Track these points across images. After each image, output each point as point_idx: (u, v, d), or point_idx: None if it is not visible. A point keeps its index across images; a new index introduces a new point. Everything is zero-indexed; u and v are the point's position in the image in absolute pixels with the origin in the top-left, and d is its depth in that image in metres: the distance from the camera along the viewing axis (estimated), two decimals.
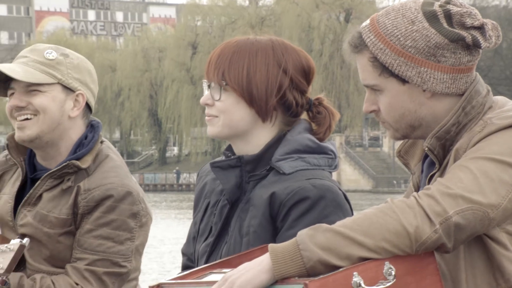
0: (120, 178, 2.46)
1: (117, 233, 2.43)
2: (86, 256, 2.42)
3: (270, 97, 2.08)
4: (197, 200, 2.22)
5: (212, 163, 2.15)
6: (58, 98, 2.46)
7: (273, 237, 2.05)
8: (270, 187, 2.07)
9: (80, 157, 2.47)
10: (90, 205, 2.43)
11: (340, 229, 1.75)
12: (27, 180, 2.52)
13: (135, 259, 2.48)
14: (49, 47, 2.48)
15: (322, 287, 1.69)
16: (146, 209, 2.50)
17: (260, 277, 1.72)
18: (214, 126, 2.10)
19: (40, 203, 2.45)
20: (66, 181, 2.45)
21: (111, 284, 2.44)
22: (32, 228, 2.44)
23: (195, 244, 2.18)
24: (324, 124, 2.15)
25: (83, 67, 2.49)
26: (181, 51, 66.50)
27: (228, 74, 2.07)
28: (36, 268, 2.45)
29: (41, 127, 2.44)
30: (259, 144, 2.12)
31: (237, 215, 2.10)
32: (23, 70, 2.42)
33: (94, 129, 2.52)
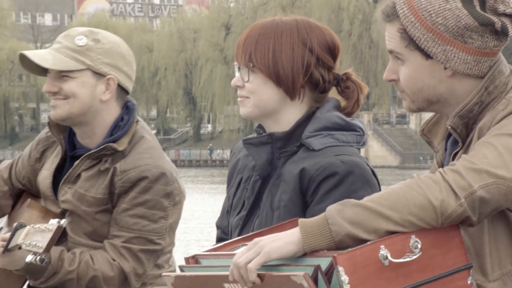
0: (154, 160, 2.47)
1: (152, 212, 2.45)
2: (122, 233, 2.44)
3: (296, 75, 2.08)
4: (230, 175, 2.22)
5: (245, 140, 2.16)
6: (88, 83, 2.46)
7: (303, 211, 2.05)
8: (300, 163, 2.07)
9: (117, 139, 2.48)
10: (126, 186, 2.44)
11: (368, 204, 1.74)
12: (66, 157, 2.54)
13: (168, 236, 2.50)
14: (82, 32, 2.47)
15: (350, 260, 1.68)
16: (179, 188, 2.51)
17: (289, 247, 1.72)
18: (246, 106, 2.11)
19: (79, 182, 2.47)
20: (104, 162, 2.47)
21: (146, 261, 2.46)
22: (72, 205, 2.46)
23: (228, 218, 2.19)
24: (352, 98, 2.14)
25: (114, 52, 2.48)
26: (215, 32, 66.42)
27: (254, 56, 2.07)
28: (76, 241, 2.47)
29: (71, 110, 2.46)
30: (289, 122, 2.12)
31: (269, 190, 2.11)
32: (54, 57, 2.43)
33: (129, 111, 2.53)
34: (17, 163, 2.64)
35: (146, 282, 2.52)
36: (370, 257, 1.70)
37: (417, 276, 1.73)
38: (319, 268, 1.68)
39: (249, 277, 1.70)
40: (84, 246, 2.47)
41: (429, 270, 1.74)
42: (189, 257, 1.85)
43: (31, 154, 2.62)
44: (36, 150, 2.61)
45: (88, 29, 2.50)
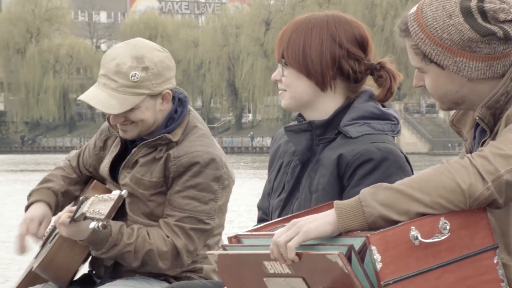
0: (205, 147, 2.50)
1: (202, 194, 2.47)
2: (175, 213, 2.47)
3: (325, 68, 2.07)
4: (271, 160, 2.23)
5: (286, 127, 2.16)
6: (150, 106, 2.50)
7: (340, 194, 2.05)
8: (338, 149, 2.07)
9: (171, 130, 2.51)
10: (179, 170, 2.47)
11: (399, 187, 1.73)
12: (127, 145, 2.58)
13: (218, 217, 2.51)
14: (130, 66, 2.46)
15: (382, 239, 1.68)
16: (229, 172, 2.53)
17: (325, 227, 1.72)
18: (284, 99, 2.12)
19: (136, 167, 2.51)
20: (159, 151, 2.51)
21: (196, 239, 2.48)
22: (130, 188, 2.50)
23: (269, 200, 2.19)
24: (385, 86, 2.13)
25: (161, 69, 2.50)
26: (256, 28, 66.40)
27: (287, 52, 2.08)
28: (134, 220, 2.51)
29: (140, 130, 2.52)
30: (326, 111, 2.12)
31: (308, 174, 2.10)
32: (117, 101, 2.46)
33: (182, 103, 2.55)
34: (84, 152, 2.69)
35: (196, 261, 2.54)
36: (401, 237, 1.69)
37: (446, 256, 1.72)
38: (353, 247, 1.68)
39: (288, 255, 1.70)
40: (142, 225, 2.50)
41: (457, 250, 1.73)
42: (232, 236, 1.85)
43: (95, 144, 2.66)
44: (99, 140, 2.66)
45: (133, 55, 2.47)
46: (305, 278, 1.70)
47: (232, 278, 1.82)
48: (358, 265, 1.68)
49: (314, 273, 1.70)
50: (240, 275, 1.80)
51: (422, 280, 1.70)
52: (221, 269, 1.82)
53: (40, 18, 76.21)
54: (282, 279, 1.73)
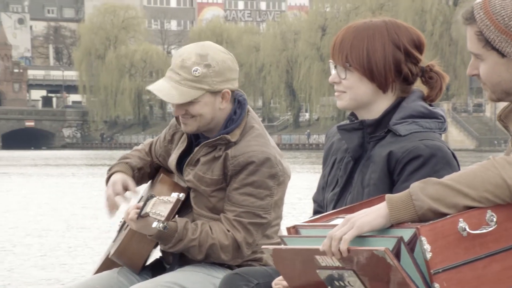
0: (260, 146, 2.49)
1: (258, 191, 2.46)
2: (234, 208, 2.47)
3: (388, 72, 2.04)
4: (325, 156, 2.20)
5: (339, 126, 2.14)
6: (209, 102, 2.49)
7: (390, 189, 2.01)
8: (388, 146, 2.04)
9: (230, 131, 2.50)
10: (236, 169, 2.47)
11: (448, 182, 1.70)
12: (192, 142, 2.59)
13: (274, 211, 2.50)
14: (194, 62, 2.47)
15: (432, 231, 1.65)
16: (283, 169, 2.51)
17: (378, 220, 1.70)
18: (343, 100, 2.08)
19: (198, 165, 2.51)
20: (218, 150, 2.50)
21: (255, 232, 2.48)
22: (193, 184, 2.51)
23: (323, 193, 2.17)
24: (435, 87, 2.09)
25: (224, 69, 2.50)
26: (312, 33, 66.30)
27: (350, 57, 2.04)
28: (199, 213, 2.51)
29: (199, 124, 2.51)
30: (379, 111, 2.09)
31: (359, 170, 2.08)
32: (178, 92, 2.46)
33: (241, 105, 2.54)
34: (156, 143, 2.72)
35: (256, 251, 2.54)
36: (450, 228, 1.66)
37: (493, 246, 1.68)
38: (402, 239, 1.65)
39: (341, 247, 1.69)
40: (205, 218, 2.51)
41: (504, 241, 1.68)
42: (290, 227, 1.84)
43: (165, 136, 2.68)
44: (168, 133, 2.67)
45: (198, 53, 2.49)
46: (355, 271, 1.69)
47: (286, 269, 1.82)
48: (408, 255, 1.65)
49: (363, 266, 1.68)
50: (293, 267, 1.79)
51: (470, 269, 1.66)
52: (276, 261, 1.82)
53: (118, 27, 77.46)
54: (334, 271, 1.72)
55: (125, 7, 79.84)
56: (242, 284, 2.22)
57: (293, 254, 1.78)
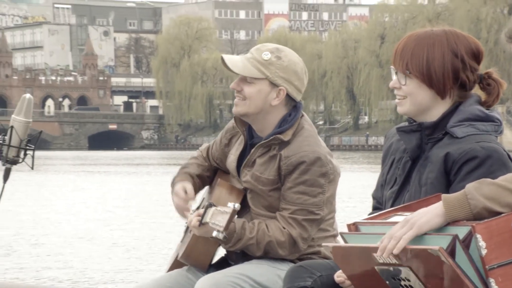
0: (311, 146, 2.46)
1: (311, 189, 2.44)
2: (289, 206, 2.45)
3: (447, 80, 1.99)
4: (384, 156, 2.18)
5: (398, 128, 2.10)
6: (264, 91, 2.47)
7: (446, 188, 1.97)
8: (445, 148, 1.99)
9: (283, 131, 2.48)
10: (289, 169, 2.45)
11: (502, 183, 1.66)
12: (247, 144, 2.58)
13: (326, 207, 2.48)
14: (269, 49, 2.48)
15: (486, 228, 1.61)
16: (334, 168, 2.48)
17: (435, 220, 1.67)
18: (403, 106, 2.04)
19: (255, 166, 2.50)
20: (272, 149, 2.49)
21: (309, 227, 2.46)
22: (251, 184, 2.50)
23: (382, 190, 2.15)
24: (493, 93, 2.04)
25: (290, 69, 2.49)
26: (372, 41, 65.78)
27: (410, 64, 2.00)
28: (256, 212, 2.51)
29: (247, 109, 2.49)
30: (437, 114, 2.05)
31: (417, 170, 2.04)
32: (243, 65, 2.47)
33: (296, 109, 2.53)
34: (212, 147, 2.71)
35: (313, 245, 2.52)
36: (504, 226, 1.62)
37: None
38: (457, 237, 1.62)
39: (399, 247, 1.66)
40: (262, 217, 2.50)
41: None
42: (350, 224, 1.82)
43: (221, 140, 2.67)
44: (225, 137, 2.66)
45: (276, 47, 2.50)
46: (412, 268, 1.67)
47: (346, 266, 1.80)
48: (463, 252, 1.62)
49: (419, 264, 1.66)
50: (352, 264, 1.77)
51: None
52: (336, 258, 1.80)
53: (191, 37, 78.43)
54: (391, 268, 1.70)
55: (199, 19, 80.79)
56: (306, 276, 2.20)
57: (352, 251, 1.76)
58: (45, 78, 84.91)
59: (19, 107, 2.54)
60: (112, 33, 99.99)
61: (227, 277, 2.43)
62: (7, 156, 2.50)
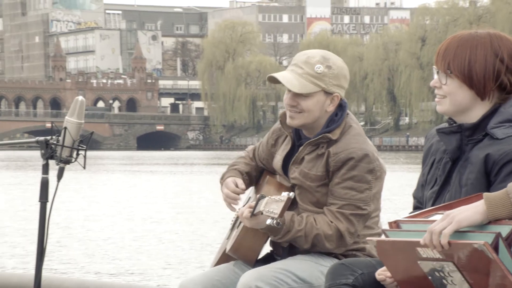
0: (359, 144, 2.47)
1: (358, 184, 2.44)
2: (336, 201, 2.45)
3: (488, 81, 1.96)
4: (425, 156, 2.15)
5: (438, 129, 2.07)
6: (320, 101, 2.49)
7: (487, 189, 1.93)
8: (485, 149, 1.96)
9: (331, 130, 2.49)
10: (337, 165, 2.45)
11: None
12: (294, 144, 2.59)
13: (373, 203, 2.47)
14: (318, 60, 2.48)
15: None
16: (380, 165, 2.47)
17: (476, 216, 1.65)
18: (443, 105, 2.02)
19: (303, 163, 2.51)
20: (321, 148, 2.49)
21: (356, 222, 2.46)
22: (299, 181, 2.51)
23: (423, 190, 2.12)
24: None
25: (340, 75, 2.50)
26: (412, 44, 65.08)
27: (452, 64, 1.97)
28: (304, 208, 2.51)
29: (305, 121, 2.50)
30: (476, 115, 2.01)
31: (457, 170, 2.01)
32: (299, 83, 2.47)
33: (342, 108, 2.53)
34: (259, 148, 2.73)
35: (359, 241, 2.52)
36: None
37: None
38: (500, 235, 1.60)
39: (442, 241, 1.64)
40: (310, 212, 2.51)
41: None
42: (392, 222, 1.80)
43: (268, 141, 2.68)
44: (271, 138, 2.67)
45: (322, 55, 2.51)
46: (455, 263, 1.65)
47: (389, 260, 1.79)
48: (506, 250, 1.60)
49: (463, 259, 1.63)
50: (396, 258, 1.75)
51: None
52: (379, 252, 1.79)
53: (236, 41, 78.70)
54: (435, 263, 1.68)
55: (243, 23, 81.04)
56: (347, 274, 2.19)
57: (396, 245, 1.74)
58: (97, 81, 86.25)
59: (72, 108, 2.59)
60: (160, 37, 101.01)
61: (271, 272, 2.44)
62: (60, 156, 2.55)
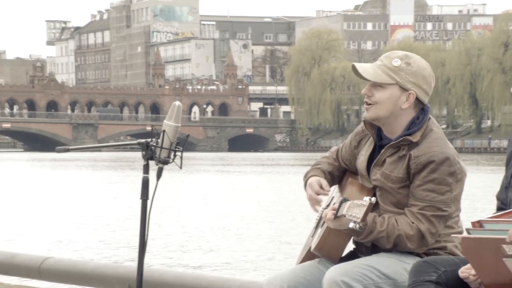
0: (440, 147, 2.40)
1: (439, 187, 2.38)
2: (418, 203, 2.40)
3: None
4: (508, 158, 2.07)
5: None
6: (394, 95, 2.44)
7: None
8: None
9: (412, 133, 2.44)
10: (419, 167, 2.40)
11: None
12: (375, 146, 2.55)
13: (453, 204, 2.41)
14: (399, 56, 2.45)
15: None
16: (461, 168, 2.40)
17: None
18: None
19: (385, 165, 2.47)
20: (402, 150, 2.44)
21: (437, 223, 2.40)
22: (380, 182, 2.47)
23: (507, 192, 2.04)
24: None
25: (419, 74, 2.44)
26: (495, 49, 62.95)
27: None
28: (385, 209, 2.48)
29: (377, 113, 2.46)
30: None
31: None
32: (374, 72, 2.44)
33: (424, 112, 2.47)
34: (342, 149, 2.70)
35: (440, 240, 2.45)
36: None
37: None
38: None
39: None
40: (391, 213, 2.47)
41: None
42: (475, 221, 1.74)
43: (351, 143, 2.65)
44: (354, 140, 2.64)
45: (405, 53, 2.47)
46: None
47: (474, 257, 1.73)
48: None
49: None
50: (480, 255, 1.69)
51: None
52: (464, 249, 1.73)
53: (321, 48, 78.46)
54: None
55: (328, 31, 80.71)
56: (431, 271, 2.14)
57: (481, 242, 1.69)
58: (192, 87, 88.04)
59: (170, 113, 2.65)
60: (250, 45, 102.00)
61: (356, 268, 2.42)
62: (159, 157, 2.60)
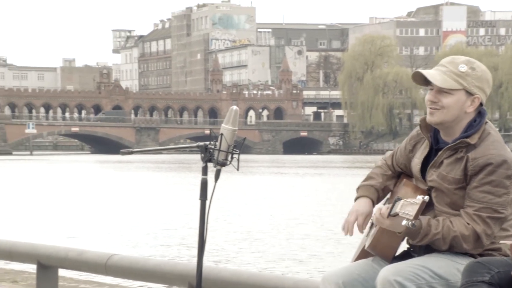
0: (498, 150, 2.36)
1: (496, 189, 2.33)
2: (474, 204, 2.36)
3: None
4: None
5: None
6: (461, 100, 2.40)
7: None
8: None
9: (470, 135, 2.40)
10: (476, 170, 2.36)
11: None
12: (431, 148, 2.51)
13: (510, 207, 2.36)
14: (463, 61, 2.41)
15: None
16: None
17: None
18: None
19: (442, 167, 2.43)
20: (459, 152, 2.40)
21: (492, 225, 2.35)
22: (436, 183, 2.43)
23: None
24: None
25: (483, 78, 2.42)
26: None
27: None
28: (440, 210, 2.43)
29: (443, 118, 2.42)
30: None
31: None
32: (441, 78, 2.41)
33: (481, 115, 2.43)
34: (397, 153, 2.66)
35: (495, 242, 2.40)
36: None
37: None
38: None
39: None
40: (446, 214, 2.42)
41: None
42: None
43: (406, 147, 2.62)
44: (409, 144, 2.60)
45: (467, 59, 2.44)
46: None
47: None
48: None
49: None
50: None
51: None
52: None
53: (374, 53, 77.70)
54: None
55: (381, 37, 79.84)
56: (483, 272, 2.09)
57: None
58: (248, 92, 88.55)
59: (227, 117, 2.67)
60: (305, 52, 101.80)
61: (409, 267, 2.39)
62: (217, 159, 2.62)
